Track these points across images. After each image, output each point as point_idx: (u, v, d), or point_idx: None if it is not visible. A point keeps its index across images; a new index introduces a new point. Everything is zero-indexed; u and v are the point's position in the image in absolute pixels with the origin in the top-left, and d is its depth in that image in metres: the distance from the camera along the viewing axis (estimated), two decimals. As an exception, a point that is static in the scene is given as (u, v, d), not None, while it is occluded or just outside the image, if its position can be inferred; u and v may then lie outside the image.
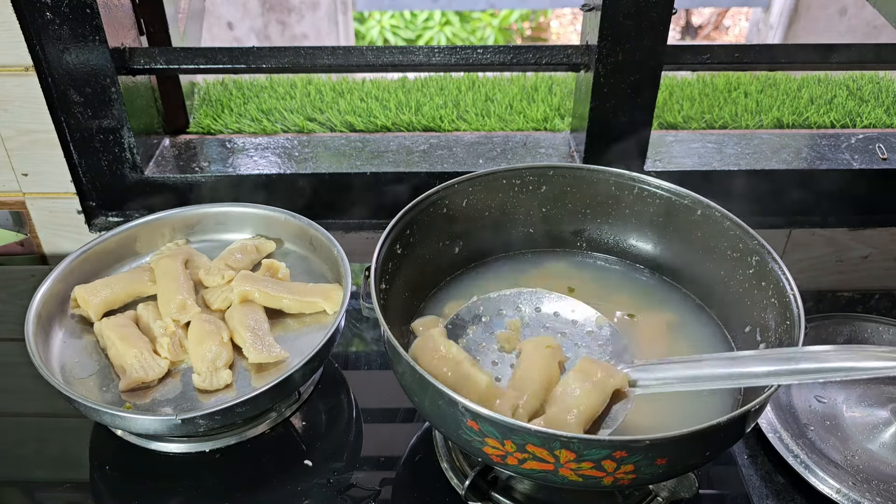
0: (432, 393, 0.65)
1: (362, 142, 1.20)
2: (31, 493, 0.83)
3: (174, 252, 0.98)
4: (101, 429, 0.88)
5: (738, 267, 0.81)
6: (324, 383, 0.94)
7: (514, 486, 0.80)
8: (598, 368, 0.70)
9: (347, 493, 0.82)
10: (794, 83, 1.34)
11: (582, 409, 0.67)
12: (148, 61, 1.05)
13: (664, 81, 1.32)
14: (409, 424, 0.90)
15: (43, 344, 0.86)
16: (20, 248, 1.18)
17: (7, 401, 0.94)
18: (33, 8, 0.95)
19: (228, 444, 0.86)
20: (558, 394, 0.69)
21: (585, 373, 0.70)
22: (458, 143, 1.20)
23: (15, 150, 1.08)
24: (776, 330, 0.75)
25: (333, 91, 1.31)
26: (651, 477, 0.64)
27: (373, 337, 1.03)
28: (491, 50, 1.06)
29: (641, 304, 0.86)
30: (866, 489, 0.80)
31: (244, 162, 1.15)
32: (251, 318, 0.89)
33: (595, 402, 0.68)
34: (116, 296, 0.92)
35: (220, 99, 1.29)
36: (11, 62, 1.00)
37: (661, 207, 0.88)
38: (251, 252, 0.99)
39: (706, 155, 1.17)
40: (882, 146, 1.17)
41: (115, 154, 1.08)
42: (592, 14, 1.02)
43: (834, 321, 0.99)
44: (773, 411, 0.88)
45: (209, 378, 0.83)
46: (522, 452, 0.62)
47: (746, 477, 0.85)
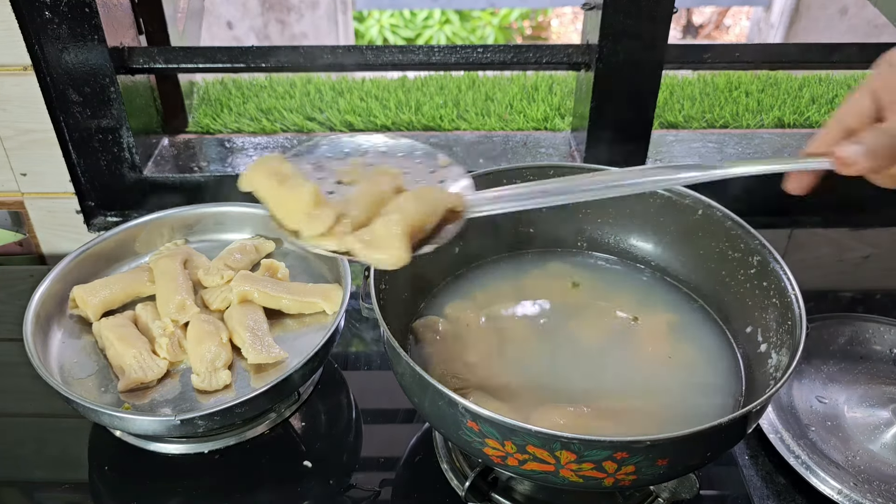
0: (432, 393, 0.65)
1: (362, 141, 1.20)
2: (31, 494, 0.83)
3: (173, 252, 0.98)
4: (99, 429, 0.88)
5: (740, 267, 0.81)
6: (323, 384, 0.94)
7: (514, 487, 0.79)
8: (431, 190, 0.68)
9: (347, 494, 0.81)
10: (795, 82, 1.34)
11: (407, 219, 0.64)
12: (147, 61, 1.05)
13: (665, 81, 1.32)
14: (409, 425, 0.90)
15: (42, 344, 0.86)
16: (19, 248, 1.18)
17: (6, 401, 0.93)
18: (32, 7, 0.95)
19: (228, 445, 0.85)
20: (387, 209, 0.66)
21: (418, 193, 0.67)
22: (458, 142, 1.20)
23: (13, 150, 1.07)
24: (777, 330, 0.74)
25: (333, 90, 1.31)
26: (652, 478, 0.64)
27: (373, 337, 1.03)
28: (491, 49, 1.06)
29: (642, 304, 0.86)
30: (867, 490, 0.79)
31: (244, 161, 1.15)
32: (250, 319, 0.88)
33: (422, 215, 0.65)
34: (115, 296, 0.91)
35: (219, 98, 1.29)
36: (10, 62, 1.00)
37: (661, 207, 0.88)
38: (250, 252, 0.99)
39: (707, 154, 1.16)
40: (883, 146, 1.17)
41: (114, 154, 1.08)
42: (593, 13, 1.02)
43: (835, 321, 0.99)
44: (774, 412, 0.88)
45: (208, 378, 0.83)
46: (523, 453, 0.62)
47: (747, 477, 0.85)
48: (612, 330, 0.83)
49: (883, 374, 0.93)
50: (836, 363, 0.95)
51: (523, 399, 0.75)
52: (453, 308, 0.84)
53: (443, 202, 0.68)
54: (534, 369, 0.78)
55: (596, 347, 0.81)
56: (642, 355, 0.80)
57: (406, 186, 0.71)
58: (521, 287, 0.88)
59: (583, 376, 0.78)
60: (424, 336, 0.80)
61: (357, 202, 0.67)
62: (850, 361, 0.95)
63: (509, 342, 0.81)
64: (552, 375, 0.78)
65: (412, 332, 0.81)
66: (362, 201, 0.67)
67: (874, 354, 0.96)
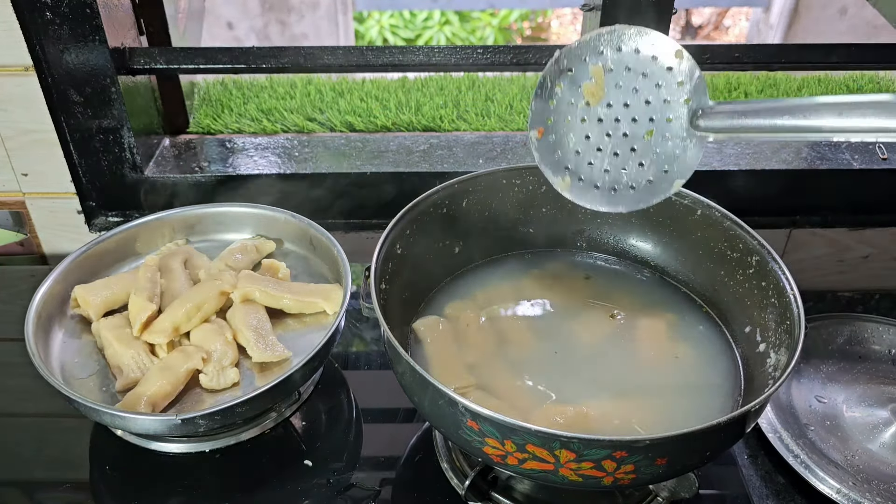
0: (432, 393, 0.65)
1: (362, 142, 1.20)
2: (31, 493, 0.83)
3: (174, 252, 0.98)
4: (101, 429, 0.88)
5: (739, 267, 0.81)
6: (324, 383, 0.94)
7: (514, 486, 0.80)
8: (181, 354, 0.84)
9: (347, 493, 0.81)
10: (794, 83, 1.34)
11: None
12: (148, 61, 1.05)
13: (664, 81, 1.32)
14: (409, 424, 0.90)
15: (43, 344, 0.86)
16: (20, 248, 1.18)
17: (7, 401, 0.94)
18: (33, 8, 0.95)
19: (228, 445, 0.86)
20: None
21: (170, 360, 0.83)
22: (458, 143, 1.20)
23: (15, 150, 1.08)
24: (776, 330, 0.75)
25: (333, 91, 1.31)
26: (651, 477, 0.64)
27: (373, 337, 1.03)
28: (491, 50, 1.06)
29: (641, 304, 0.86)
30: (866, 489, 0.80)
31: (244, 162, 1.15)
32: (253, 318, 0.89)
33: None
34: (116, 296, 0.92)
35: (220, 99, 1.29)
36: (11, 62, 1.00)
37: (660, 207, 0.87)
38: (251, 252, 0.99)
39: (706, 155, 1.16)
40: (882, 146, 1.17)
41: (115, 154, 1.08)
42: (592, 14, 1.02)
43: (834, 321, 0.99)
44: (773, 411, 0.88)
45: (216, 377, 0.83)
46: (522, 452, 0.62)
47: (746, 477, 0.85)
48: (611, 330, 0.83)
49: (882, 373, 0.94)
50: (835, 363, 0.95)
51: (524, 399, 0.75)
52: (453, 308, 0.85)
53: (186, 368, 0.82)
54: (534, 369, 0.78)
55: (595, 347, 0.81)
56: (641, 355, 0.80)
57: (649, 96, 0.72)
58: (521, 287, 0.88)
59: (582, 376, 0.78)
60: (424, 336, 0.81)
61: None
62: (848, 361, 0.95)
63: (509, 342, 0.81)
64: (552, 375, 0.78)
65: (412, 332, 0.81)
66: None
67: (873, 354, 0.96)
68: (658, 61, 0.71)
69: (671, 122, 0.73)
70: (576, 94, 0.73)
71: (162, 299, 0.90)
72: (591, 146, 0.75)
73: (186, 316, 0.87)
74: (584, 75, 0.73)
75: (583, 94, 0.73)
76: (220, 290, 0.90)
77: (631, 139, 0.74)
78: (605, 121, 0.74)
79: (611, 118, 0.74)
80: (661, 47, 0.71)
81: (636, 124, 0.73)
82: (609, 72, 0.73)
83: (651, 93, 0.72)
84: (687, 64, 0.71)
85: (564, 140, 0.75)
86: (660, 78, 0.72)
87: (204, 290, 0.90)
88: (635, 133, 0.73)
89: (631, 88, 0.73)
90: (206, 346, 0.86)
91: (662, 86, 0.72)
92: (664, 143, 0.73)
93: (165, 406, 0.81)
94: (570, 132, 0.75)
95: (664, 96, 0.72)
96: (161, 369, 0.82)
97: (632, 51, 0.72)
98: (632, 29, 0.71)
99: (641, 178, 0.74)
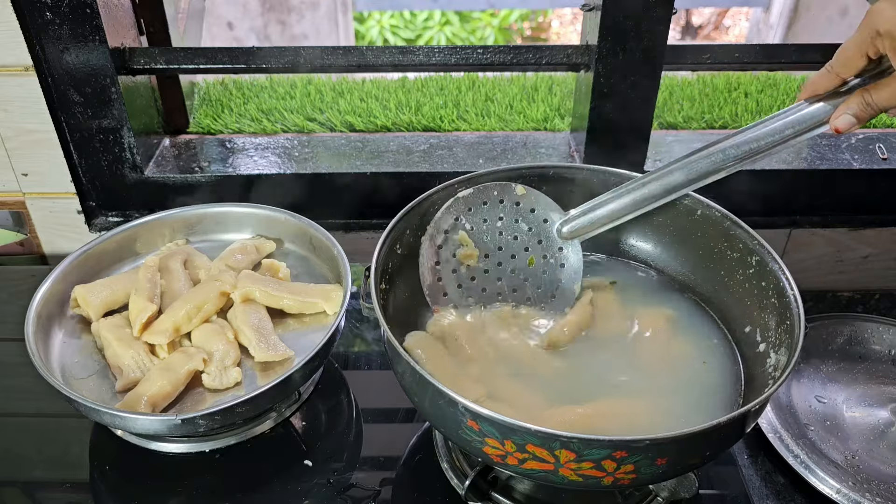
0: (432, 393, 0.65)
1: (362, 142, 1.20)
2: (31, 493, 0.83)
3: (174, 252, 0.98)
4: (101, 429, 0.88)
5: (739, 267, 0.81)
6: (324, 383, 0.94)
7: (514, 486, 0.80)
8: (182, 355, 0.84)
9: (347, 493, 0.81)
10: (794, 83, 1.34)
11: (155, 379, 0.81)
12: (148, 61, 1.05)
13: (664, 81, 1.32)
14: (409, 424, 0.90)
15: (43, 344, 0.86)
16: (20, 248, 1.18)
17: (7, 401, 0.94)
18: (33, 8, 0.95)
19: (228, 445, 0.86)
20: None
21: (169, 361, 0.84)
22: (458, 143, 1.20)
23: (15, 150, 1.08)
24: (776, 329, 0.75)
25: (333, 91, 1.31)
26: (651, 477, 0.64)
27: (373, 337, 1.03)
28: (491, 50, 1.06)
29: (641, 303, 0.86)
30: (866, 489, 0.80)
31: (244, 162, 1.15)
32: (254, 318, 0.89)
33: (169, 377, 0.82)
34: (116, 296, 0.92)
35: (220, 99, 1.29)
36: (11, 62, 1.00)
37: (660, 207, 0.88)
38: (251, 252, 0.99)
39: (706, 155, 1.16)
40: (882, 146, 1.17)
41: (115, 154, 1.08)
42: (592, 14, 1.02)
43: (834, 321, 0.99)
44: (773, 411, 0.88)
45: (219, 377, 0.83)
46: (522, 452, 0.62)
47: (746, 477, 0.85)
48: (611, 330, 0.83)
49: (882, 373, 0.94)
50: (835, 363, 0.95)
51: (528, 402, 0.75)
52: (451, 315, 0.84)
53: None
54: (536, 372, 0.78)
55: (595, 348, 0.81)
56: (641, 355, 0.80)
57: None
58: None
59: (583, 377, 0.78)
60: (420, 356, 0.77)
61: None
62: (848, 361, 0.95)
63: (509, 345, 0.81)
64: (554, 377, 0.78)
65: (407, 353, 0.79)
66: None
67: (873, 354, 0.96)
68: (505, 202, 0.84)
69: (542, 243, 0.85)
70: (454, 262, 0.84)
71: (162, 300, 0.90)
72: (490, 294, 0.85)
73: (187, 316, 0.87)
74: (452, 245, 0.84)
75: (460, 261, 0.84)
76: (220, 290, 0.90)
77: (518, 272, 0.85)
78: (490, 270, 0.85)
79: (493, 263, 0.85)
80: (504, 191, 0.84)
81: (516, 259, 0.85)
82: (470, 231, 0.84)
83: (515, 230, 0.85)
84: (531, 193, 0.84)
85: (463, 300, 0.84)
86: (515, 215, 0.84)
87: (204, 291, 0.90)
88: (520, 265, 0.85)
89: (496, 234, 0.85)
90: (207, 346, 0.86)
91: (520, 220, 0.85)
92: (547, 262, 0.85)
93: (166, 406, 0.81)
94: (466, 294, 0.84)
95: (526, 227, 0.85)
96: (162, 370, 0.82)
97: (481, 204, 0.84)
98: (468, 190, 0.83)
99: (546, 299, 0.86)
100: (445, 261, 0.83)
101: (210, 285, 0.90)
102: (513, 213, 0.84)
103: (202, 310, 0.88)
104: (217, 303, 0.90)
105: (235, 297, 0.90)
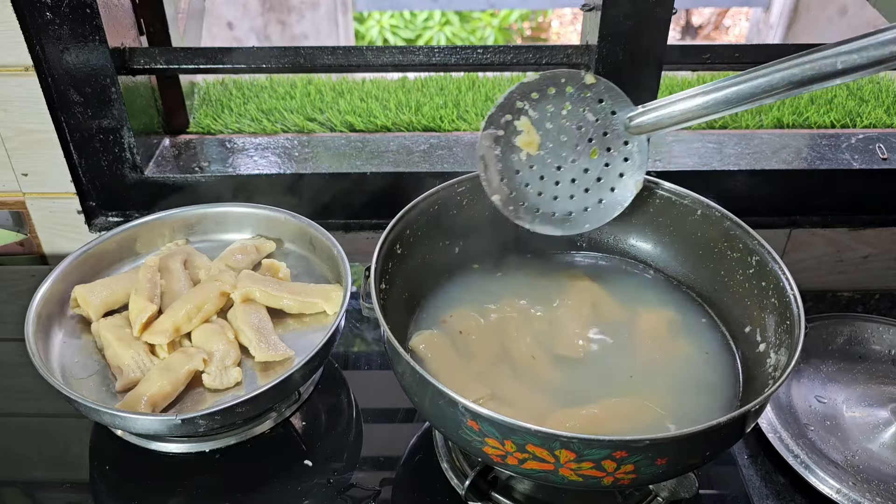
0: (432, 393, 0.65)
1: (362, 142, 1.20)
2: (31, 493, 0.83)
3: (174, 252, 0.98)
4: (101, 429, 0.88)
5: (738, 267, 0.81)
6: (324, 383, 0.94)
7: (514, 486, 0.80)
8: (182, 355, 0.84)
9: (347, 493, 0.82)
10: (794, 83, 1.34)
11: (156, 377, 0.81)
12: (148, 61, 1.05)
13: (664, 81, 1.32)
14: (409, 424, 0.90)
15: (43, 344, 0.86)
16: (20, 248, 1.18)
17: (7, 401, 0.94)
18: (33, 8, 0.95)
19: (228, 445, 0.86)
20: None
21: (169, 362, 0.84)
22: (458, 143, 1.20)
23: (15, 150, 1.08)
24: (776, 330, 0.75)
25: (333, 91, 1.31)
26: (651, 477, 0.64)
27: (373, 337, 1.03)
28: (491, 50, 1.06)
29: (642, 304, 0.86)
30: (866, 489, 0.80)
31: (244, 162, 1.15)
32: (255, 317, 0.89)
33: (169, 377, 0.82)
34: (116, 296, 0.92)
35: (220, 99, 1.29)
36: (11, 62, 1.00)
37: (661, 207, 0.88)
38: (251, 252, 0.99)
39: (706, 155, 1.17)
40: (882, 146, 1.17)
41: (115, 154, 1.08)
42: (592, 14, 1.02)
43: (834, 321, 0.99)
44: (773, 411, 0.88)
45: (219, 377, 0.83)
46: (522, 452, 0.62)
47: (746, 477, 0.85)
48: (611, 330, 0.83)
49: (882, 373, 0.94)
50: (835, 363, 0.95)
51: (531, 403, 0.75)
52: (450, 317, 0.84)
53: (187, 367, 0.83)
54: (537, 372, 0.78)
55: (596, 348, 0.81)
56: (641, 355, 0.80)
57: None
58: (522, 288, 0.88)
59: (583, 378, 0.78)
60: (425, 353, 0.79)
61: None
62: (848, 361, 0.95)
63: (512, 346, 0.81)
64: (555, 377, 0.78)
65: (411, 352, 0.80)
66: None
67: (873, 354, 0.96)
68: (574, 90, 0.80)
69: (607, 135, 0.81)
70: (515, 149, 0.82)
71: (162, 300, 0.90)
72: (549, 182, 0.84)
73: (187, 316, 0.87)
74: (514, 131, 0.82)
75: (521, 147, 0.82)
76: (220, 290, 0.90)
77: (579, 163, 0.83)
78: (551, 158, 0.83)
79: (556, 153, 0.83)
80: (572, 79, 0.80)
81: (579, 149, 0.82)
82: (534, 117, 0.81)
83: (580, 118, 0.81)
84: (601, 82, 0.80)
85: (523, 190, 0.84)
86: (582, 104, 0.81)
87: (204, 291, 0.90)
88: (582, 157, 0.83)
89: (560, 124, 0.81)
90: (208, 346, 0.86)
91: (587, 109, 0.81)
92: (610, 155, 0.82)
93: (166, 406, 0.81)
94: (524, 181, 0.84)
95: (593, 117, 0.81)
96: (162, 370, 0.82)
97: (546, 90, 0.81)
98: (534, 75, 0.81)
99: (605, 191, 0.84)
100: (506, 146, 0.81)
101: (210, 285, 0.90)
102: (580, 102, 0.80)
103: (202, 310, 0.88)
104: (217, 303, 0.90)
105: (235, 297, 0.90)
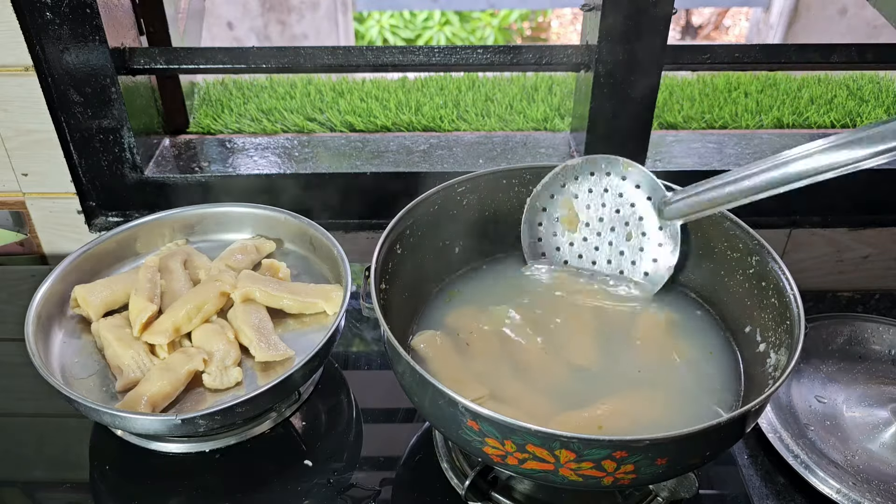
0: (432, 393, 0.65)
1: (362, 142, 1.20)
2: (31, 493, 0.83)
3: (174, 252, 0.98)
4: (101, 429, 0.88)
5: (738, 267, 0.81)
6: (324, 383, 0.94)
7: (514, 486, 0.80)
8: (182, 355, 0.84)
9: (347, 493, 0.82)
10: (794, 83, 1.34)
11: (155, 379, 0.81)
12: (148, 61, 1.05)
13: (664, 81, 1.32)
14: (409, 424, 0.90)
15: (43, 344, 0.86)
16: (20, 248, 1.18)
17: (7, 401, 0.94)
18: (33, 8, 0.95)
19: (228, 445, 0.86)
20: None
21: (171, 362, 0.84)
22: (458, 143, 1.20)
23: (15, 150, 1.08)
24: (776, 329, 0.75)
25: (333, 91, 1.31)
26: (651, 477, 0.64)
27: (373, 337, 1.03)
28: (491, 50, 1.06)
29: (641, 303, 0.86)
30: (866, 489, 0.80)
31: (244, 162, 1.15)
32: (255, 317, 0.89)
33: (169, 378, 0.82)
34: (116, 296, 0.92)
35: (220, 99, 1.29)
36: (11, 62, 1.00)
37: (661, 207, 0.88)
38: (251, 252, 0.99)
39: (706, 155, 1.17)
40: (882, 146, 1.17)
41: (115, 154, 1.08)
42: (592, 14, 1.02)
43: (834, 321, 0.99)
44: (773, 411, 0.88)
45: (219, 377, 0.83)
46: (522, 452, 0.62)
47: (746, 477, 0.85)
48: (611, 330, 0.83)
49: (882, 373, 0.94)
50: (835, 363, 0.95)
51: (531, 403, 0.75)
52: (452, 318, 0.84)
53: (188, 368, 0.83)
54: (538, 373, 0.78)
55: (596, 349, 0.81)
56: (641, 355, 0.80)
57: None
58: (522, 288, 0.88)
59: (584, 378, 0.78)
60: (426, 353, 0.79)
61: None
62: (848, 361, 0.95)
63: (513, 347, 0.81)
64: (556, 377, 0.78)
65: (412, 351, 0.80)
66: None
67: (873, 354, 0.96)
68: (612, 175, 0.85)
69: (643, 220, 0.85)
70: (556, 225, 0.88)
71: (162, 300, 0.90)
72: (586, 261, 0.89)
73: (187, 316, 0.87)
74: (556, 208, 0.88)
75: (562, 224, 0.88)
76: (220, 290, 0.90)
77: (617, 245, 0.87)
78: (588, 238, 0.88)
79: (593, 232, 0.88)
80: (612, 165, 0.85)
81: (616, 232, 0.87)
82: (576, 198, 0.87)
83: (617, 203, 0.86)
84: (637, 170, 0.84)
85: (559, 262, 0.89)
86: (620, 188, 0.85)
87: (204, 291, 0.90)
88: (619, 238, 0.87)
89: (599, 205, 0.87)
90: (208, 346, 0.86)
91: (624, 194, 0.85)
92: (645, 239, 0.86)
93: (166, 406, 0.81)
94: (563, 259, 0.89)
95: (629, 202, 0.85)
96: (162, 370, 0.82)
97: (588, 174, 0.86)
98: (578, 159, 0.85)
99: (637, 275, 0.87)
100: (547, 222, 0.88)
101: (210, 285, 0.90)
102: (618, 187, 0.85)
103: (202, 310, 0.88)
104: (217, 303, 0.90)
105: (235, 297, 0.90)
